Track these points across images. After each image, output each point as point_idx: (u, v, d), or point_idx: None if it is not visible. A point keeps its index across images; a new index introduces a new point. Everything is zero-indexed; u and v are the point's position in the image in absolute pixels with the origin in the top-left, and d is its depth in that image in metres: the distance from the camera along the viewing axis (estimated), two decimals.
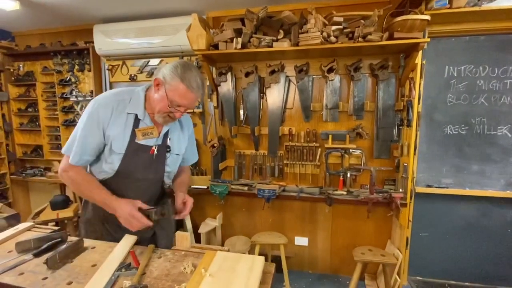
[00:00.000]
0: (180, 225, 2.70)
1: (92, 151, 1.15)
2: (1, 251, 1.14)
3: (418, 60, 1.94)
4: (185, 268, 1.01)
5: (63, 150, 1.18)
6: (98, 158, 1.19)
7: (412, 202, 2.24)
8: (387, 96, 2.14)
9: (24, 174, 3.09)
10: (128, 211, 1.10)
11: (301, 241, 2.56)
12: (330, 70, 2.16)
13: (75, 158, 1.13)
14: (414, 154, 2.03)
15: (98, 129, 1.11)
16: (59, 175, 1.19)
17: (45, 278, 0.96)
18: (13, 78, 3.12)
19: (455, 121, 2.25)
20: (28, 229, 1.37)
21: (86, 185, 1.15)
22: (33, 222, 2.53)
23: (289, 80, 2.33)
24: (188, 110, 1.20)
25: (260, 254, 2.23)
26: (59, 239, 1.19)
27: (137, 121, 1.16)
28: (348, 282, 2.41)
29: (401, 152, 2.13)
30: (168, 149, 1.27)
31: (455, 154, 2.27)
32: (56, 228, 1.42)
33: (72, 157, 1.12)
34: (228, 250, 1.15)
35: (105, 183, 1.19)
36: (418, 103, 2.00)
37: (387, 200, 2.10)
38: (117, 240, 1.23)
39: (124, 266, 1.01)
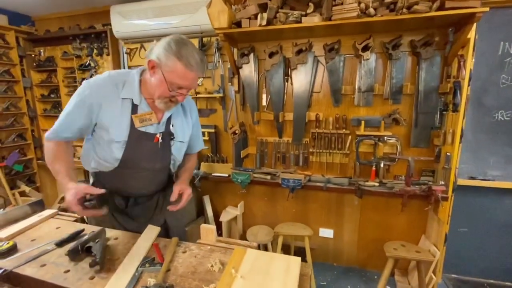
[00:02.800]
0: (201, 213, 2.66)
1: (75, 131, 1.07)
2: (24, 240, 1.12)
3: (471, 34, 1.67)
4: (212, 266, 0.93)
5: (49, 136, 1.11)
6: (101, 148, 1.10)
7: (453, 196, 2.03)
8: (430, 77, 1.89)
9: None
10: (69, 201, 0.96)
11: (326, 233, 2.44)
12: (365, 48, 1.93)
13: (52, 134, 1.07)
14: (460, 142, 1.80)
15: (88, 113, 1.04)
16: (45, 141, 1.13)
17: (67, 271, 0.92)
18: (34, 64, 3.13)
19: (508, 105, 1.98)
20: (52, 216, 1.35)
21: (58, 155, 1.07)
22: (59, 206, 2.59)
23: (318, 61, 2.12)
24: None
25: (282, 245, 2.15)
26: (83, 229, 1.15)
27: (134, 107, 1.07)
28: (376, 277, 2.29)
29: (443, 141, 1.90)
30: (172, 137, 1.17)
31: (506, 143, 2.02)
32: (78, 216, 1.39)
33: (50, 133, 1.07)
34: (259, 246, 1.05)
35: (110, 174, 1.13)
36: (468, 85, 1.74)
37: (425, 193, 1.91)
38: (126, 230, 1.18)
39: (148, 261, 0.94)
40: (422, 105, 1.94)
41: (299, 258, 0.92)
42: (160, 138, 1.12)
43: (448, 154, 1.87)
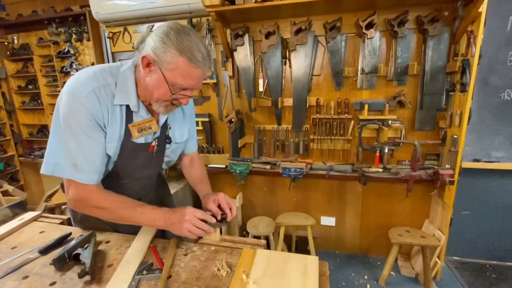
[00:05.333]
0: (199, 206, 2.56)
1: (104, 158, 0.87)
2: (4, 248, 0.99)
3: (483, 7, 1.57)
4: (219, 270, 0.83)
5: (49, 171, 0.87)
6: None
7: (458, 179, 1.99)
8: (437, 55, 1.79)
9: (32, 156, 2.96)
10: (190, 218, 0.86)
11: (328, 221, 2.38)
12: (369, 26, 1.80)
13: (94, 177, 0.85)
14: (468, 124, 1.74)
15: (98, 130, 0.82)
16: (75, 207, 0.92)
17: (53, 283, 0.80)
18: (8, 53, 2.87)
19: None
20: (35, 219, 1.22)
21: (122, 207, 0.87)
22: (46, 205, 2.43)
23: (318, 41, 1.98)
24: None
25: (284, 235, 2.08)
26: (70, 233, 1.03)
27: (129, 113, 0.87)
28: (379, 263, 2.27)
29: (450, 123, 1.83)
30: (169, 140, 1.03)
31: None
32: (64, 217, 1.26)
33: (89, 178, 0.84)
34: (268, 244, 0.96)
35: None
36: (478, 63, 1.65)
37: (431, 177, 1.85)
38: (118, 232, 1.06)
39: (146, 268, 0.83)
40: (428, 86, 1.85)
41: (316, 258, 0.83)
42: (156, 145, 0.96)
43: (455, 136, 1.80)
